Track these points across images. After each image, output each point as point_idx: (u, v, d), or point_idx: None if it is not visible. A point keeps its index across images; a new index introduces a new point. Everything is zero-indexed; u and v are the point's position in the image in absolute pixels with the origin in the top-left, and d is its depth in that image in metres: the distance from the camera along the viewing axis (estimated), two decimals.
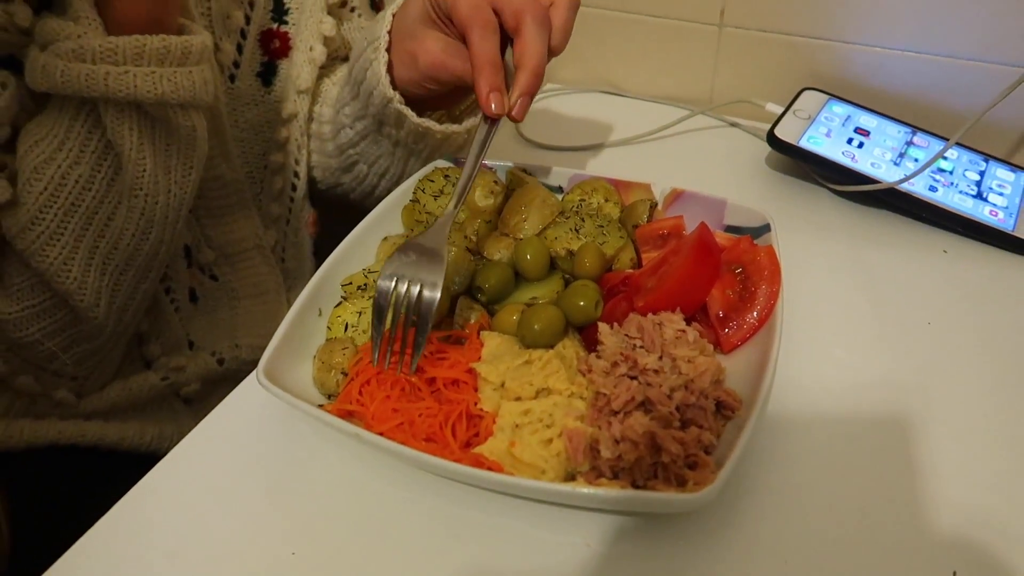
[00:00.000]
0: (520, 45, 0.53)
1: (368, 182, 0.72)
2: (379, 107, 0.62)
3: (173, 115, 0.56)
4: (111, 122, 0.54)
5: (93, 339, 0.62)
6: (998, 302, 0.60)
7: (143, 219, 0.58)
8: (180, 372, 0.71)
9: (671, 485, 0.41)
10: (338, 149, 0.71)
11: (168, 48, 0.53)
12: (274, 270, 0.76)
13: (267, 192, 0.76)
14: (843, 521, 0.44)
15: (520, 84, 0.53)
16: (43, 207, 0.55)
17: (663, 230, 0.58)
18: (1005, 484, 0.46)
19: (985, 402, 0.52)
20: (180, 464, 0.48)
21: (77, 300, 0.58)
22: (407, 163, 0.68)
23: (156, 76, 0.53)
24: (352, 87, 0.65)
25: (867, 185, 0.67)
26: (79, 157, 0.55)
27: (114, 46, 0.52)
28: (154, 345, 0.70)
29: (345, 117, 0.68)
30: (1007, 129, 0.75)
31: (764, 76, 0.83)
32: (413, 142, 0.65)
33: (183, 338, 0.72)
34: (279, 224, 0.78)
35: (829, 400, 0.52)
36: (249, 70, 0.70)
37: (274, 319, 0.76)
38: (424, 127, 0.62)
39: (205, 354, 0.72)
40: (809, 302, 0.58)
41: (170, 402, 0.73)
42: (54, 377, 0.64)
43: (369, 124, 0.66)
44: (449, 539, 0.44)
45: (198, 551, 0.43)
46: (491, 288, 0.53)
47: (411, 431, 0.45)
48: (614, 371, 0.47)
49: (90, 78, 0.52)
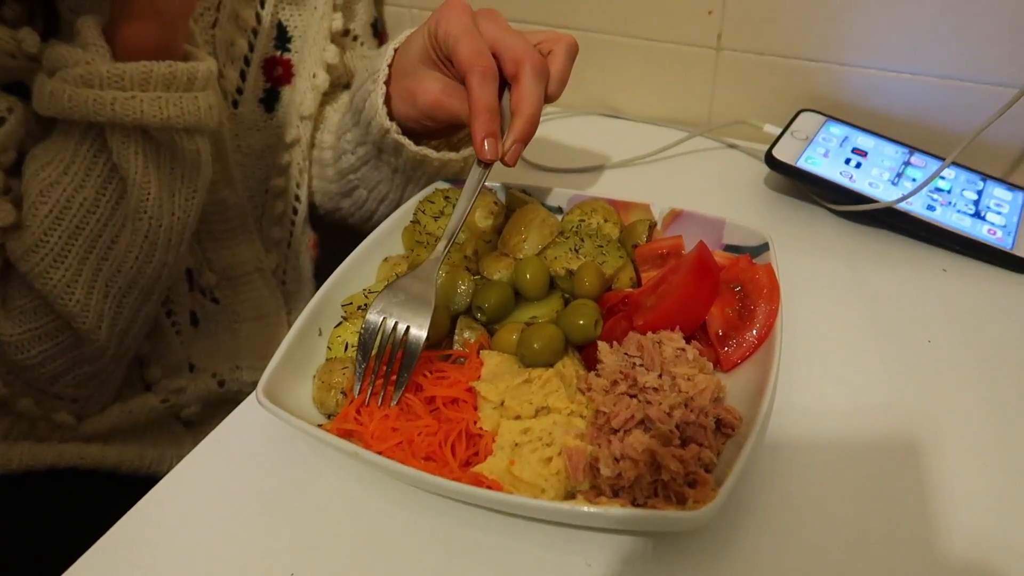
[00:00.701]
0: (517, 92, 0.54)
1: (367, 207, 0.73)
2: (377, 136, 0.63)
3: (178, 139, 0.56)
4: (117, 146, 0.55)
5: (94, 361, 0.62)
6: (997, 320, 0.60)
7: (147, 242, 0.58)
8: (180, 394, 0.71)
9: (671, 503, 0.41)
10: (339, 174, 0.72)
11: (174, 74, 0.54)
12: (275, 293, 0.77)
13: (268, 216, 0.76)
14: (843, 541, 0.44)
15: (515, 130, 0.53)
16: (48, 230, 0.56)
17: (662, 250, 0.58)
18: (1007, 505, 0.46)
19: (985, 421, 0.51)
20: (179, 484, 0.48)
21: (80, 323, 0.58)
22: (405, 189, 0.69)
23: (162, 101, 0.54)
24: (353, 115, 0.66)
25: (865, 205, 0.68)
26: (84, 181, 0.56)
27: (121, 72, 0.53)
28: (155, 368, 0.71)
29: (347, 143, 0.69)
30: (1003, 148, 0.75)
31: (762, 98, 0.83)
32: (411, 169, 0.66)
33: (184, 361, 0.72)
34: (280, 247, 0.78)
35: (829, 418, 0.51)
36: (252, 96, 0.71)
37: (275, 341, 0.76)
38: (421, 155, 0.63)
39: (206, 376, 0.72)
40: (808, 320, 0.58)
41: (170, 425, 0.73)
42: (54, 400, 0.64)
43: (369, 151, 0.67)
44: (448, 559, 0.43)
45: (198, 571, 0.43)
46: (491, 307, 0.53)
47: (410, 450, 0.45)
48: (614, 389, 0.47)
49: (97, 103, 0.52)
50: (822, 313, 0.60)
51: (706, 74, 0.85)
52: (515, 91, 0.54)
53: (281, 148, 0.74)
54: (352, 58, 0.79)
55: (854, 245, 0.68)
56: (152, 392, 0.70)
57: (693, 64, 0.84)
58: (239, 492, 0.48)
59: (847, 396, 0.53)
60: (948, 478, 0.47)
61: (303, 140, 0.74)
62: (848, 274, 0.65)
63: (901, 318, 0.60)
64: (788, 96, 0.81)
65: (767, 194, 0.76)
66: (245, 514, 0.46)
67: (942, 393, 0.53)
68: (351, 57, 0.79)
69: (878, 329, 0.59)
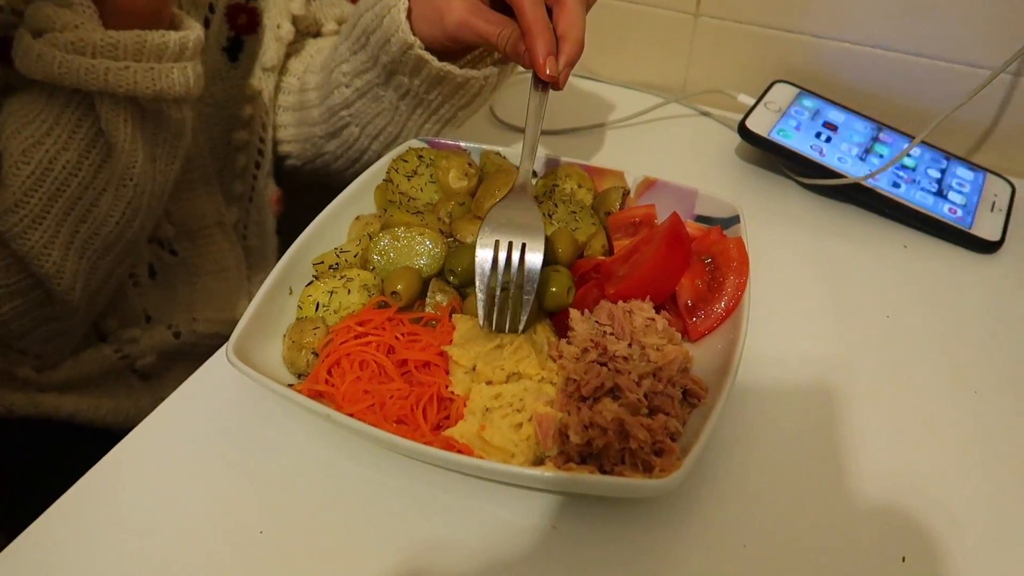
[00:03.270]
0: (565, 16, 0.53)
1: (357, 146, 0.71)
2: (395, 55, 0.60)
3: (167, 109, 0.56)
4: (106, 114, 0.54)
5: (64, 320, 0.61)
6: (954, 297, 0.62)
7: (129, 208, 0.57)
8: (134, 344, 0.70)
9: (638, 471, 0.42)
10: (328, 112, 0.70)
11: (167, 44, 0.53)
12: (235, 247, 0.75)
13: (230, 169, 0.74)
14: (800, 507, 0.46)
15: (565, 53, 0.53)
16: (29, 190, 0.54)
17: (635, 218, 0.58)
18: (956, 473, 0.48)
19: (939, 393, 0.53)
20: (146, 441, 0.48)
21: (54, 283, 0.57)
22: (409, 118, 0.66)
23: (155, 72, 0.53)
24: (357, 40, 0.63)
25: (833, 179, 0.69)
26: (68, 143, 0.54)
27: (115, 41, 0.52)
28: (111, 319, 0.69)
29: (342, 75, 0.66)
30: (969, 128, 0.77)
31: (737, 67, 0.83)
32: (426, 91, 0.63)
33: (140, 312, 0.71)
34: (242, 202, 0.77)
35: (792, 390, 0.53)
36: (215, 44, 0.69)
37: (234, 296, 0.76)
38: (445, 71, 0.61)
39: (161, 327, 0.71)
40: (775, 293, 0.60)
41: (126, 377, 0.72)
42: (19, 355, 0.63)
43: (373, 77, 0.64)
44: (418, 520, 0.44)
45: (166, 529, 0.43)
46: (464, 271, 0.53)
47: (382, 413, 0.45)
48: (584, 357, 0.47)
49: (90, 72, 0.51)
50: (787, 285, 0.62)
51: (683, 40, 0.84)
52: (561, 14, 0.54)
53: (244, 100, 0.72)
54: (319, 8, 0.76)
55: (821, 218, 0.70)
56: (106, 343, 0.69)
57: (671, 29, 0.84)
58: (207, 450, 0.47)
59: (810, 368, 0.55)
60: (903, 450, 0.49)
61: (266, 92, 0.72)
62: (814, 247, 0.66)
63: (863, 293, 0.62)
64: (763, 66, 0.82)
65: (738, 164, 0.77)
66: (213, 473, 0.46)
67: (899, 367, 0.55)
68: (318, 7, 0.76)
69: (840, 303, 0.61)
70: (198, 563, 0.42)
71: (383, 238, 0.54)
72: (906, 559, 0.43)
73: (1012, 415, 0.52)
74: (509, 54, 0.55)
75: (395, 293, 0.51)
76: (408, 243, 0.54)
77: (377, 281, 0.53)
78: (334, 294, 0.52)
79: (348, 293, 0.52)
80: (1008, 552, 0.44)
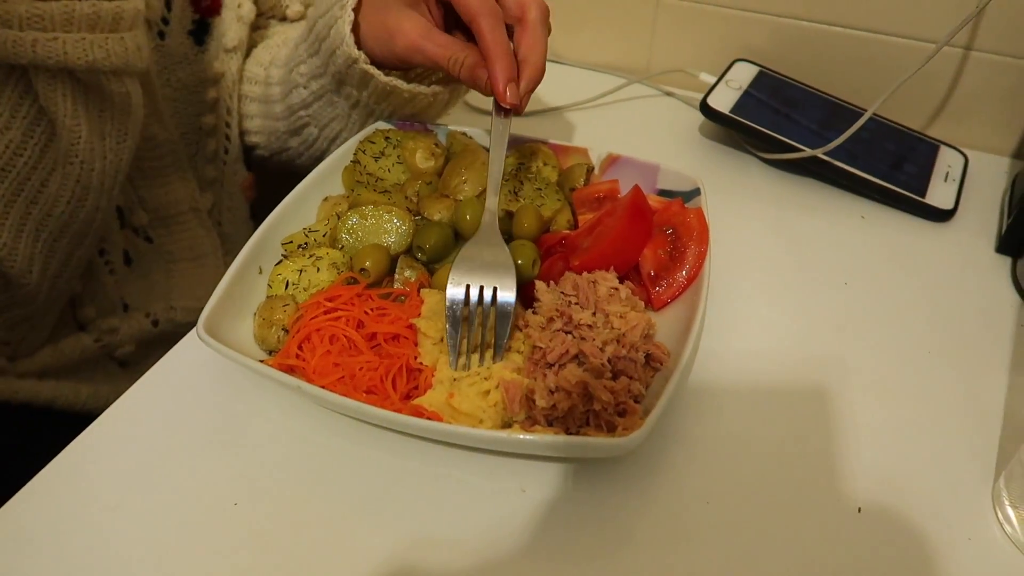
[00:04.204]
0: (526, 38, 0.53)
1: (317, 146, 0.71)
2: (341, 67, 0.60)
3: (106, 82, 0.54)
4: (43, 89, 0.53)
5: (25, 305, 0.61)
6: (909, 265, 0.64)
7: (79, 186, 0.57)
8: (113, 333, 0.70)
9: (602, 431, 0.44)
10: (288, 110, 0.70)
11: (99, 13, 0.52)
12: (211, 233, 0.76)
13: (202, 154, 0.74)
14: (760, 466, 0.47)
15: (526, 78, 0.53)
16: None
17: (599, 193, 0.60)
18: (910, 429, 0.50)
19: (894, 358, 0.55)
20: (120, 419, 0.49)
21: (7, 267, 0.56)
22: (363, 126, 0.66)
23: (86, 43, 0.52)
24: (311, 44, 0.63)
25: (792, 154, 0.70)
26: (10, 122, 0.54)
27: (42, 12, 0.50)
28: (89, 308, 0.69)
29: (300, 76, 0.66)
30: (923, 102, 0.79)
31: (699, 47, 0.85)
32: (375, 102, 0.63)
33: (117, 301, 0.71)
34: (215, 187, 0.77)
35: (751, 355, 0.55)
36: (180, 27, 0.68)
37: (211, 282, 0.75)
38: (391, 86, 0.60)
39: (139, 315, 0.71)
40: (736, 263, 0.61)
41: (104, 365, 0.72)
42: None
43: (327, 83, 0.64)
44: (389, 488, 0.45)
45: (140, 504, 0.44)
46: (431, 248, 0.54)
47: (352, 384, 0.46)
48: (550, 326, 0.49)
49: (17, 44, 0.50)
50: (749, 256, 0.63)
51: (646, 20, 0.85)
52: (523, 37, 0.53)
53: (208, 83, 0.71)
54: None
55: (781, 192, 0.71)
56: (85, 332, 0.69)
57: (634, 10, 0.85)
58: (180, 427, 0.48)
59: (769, 334, 0.56)
60: (857, 409, 0.51)
61: (229, 75, 0.71)
62: (775, 219, 0.68)
63: (822, 262, 0.63)
64: (724, 45, 0.83)
65: (701, 141, 0.78)
66: (186, 447, 0.47)
67: (856, 332, 0.57)
68: None
69: (800, 272, 0.62)
70: (171, 536, 0.42)
71: (351, 217, 0.55)
72: (861, 510, 0.45)
73: (963, 373, 0.54)
74: (464, 80, 0.54)
75: (364, 270, 0.52)
76: (376, 221, 0.55)
77: (346, 259, 0.54)
78: (303, 272, 0.53)
79: (317, 271, 0.53)
80: (961, 505, 0.46)
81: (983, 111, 0.77)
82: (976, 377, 0.54)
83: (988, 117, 0.77)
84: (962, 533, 0.44)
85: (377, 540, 0.42)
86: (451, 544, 0.42)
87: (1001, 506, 0.45)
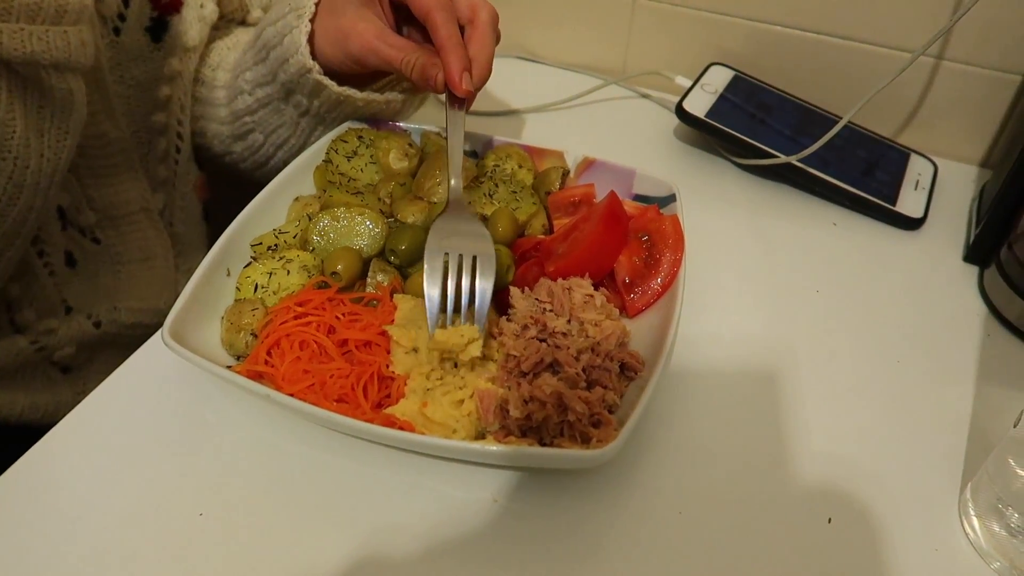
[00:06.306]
0: (476, 38, 0.55)
1: (263, 152, 0.69)
2: (293, 75, 0.60)
3: (46, 76, 0.52)
4: None
5: None
6: (879, 273, 0.64)
7: (11, 184, 0.54)
8: (51, 335, 0.67)
9: (576, 442, 0.43)
10: (233, 115, 0.68)
11: (40, 5, 0.50)
12: (161, 234, 0.73)
13: (153, 153, 0.72)
14: (732, 475, 0.47)
15: (476, 76, 0.54)
16: None
17: (574, 197, 0.59)
18: (878, 438, 0.51)
19: (864, 367, 0.56)
20: (78, 429, 0.47)
21: None
22: (312, 133, 0.66)
23: (25, 34, 0.50)
24: (259, 51, 0.62)
25: (766, 160, 0.71)
26: None
27: None
28: (27, 311, 0.66)
29: (245, 83, 0.65)
30: (895, 111, 0.80)
31: (675, 49, 0.85)
32: (326, 111, 0.63)
33: (58, 303, 0.68)
34: (167, 187, 0.75)
35: (725, 363, 0.55)
36: (137, 24, 0.66)
37: (162, 284, 0.73)
38: (344, 96, 0.60)
39: (81, 317, 0.68)
40: (710, 269, 0.61)
41: (44, 370, 0.69)
42: None
43: (273, 91, 0.63)
44: (360, 498, 0.44)
45: (103, 514, 0.43)
46: (404, 251, 0.53)
47: (322, 392, 0.45)
48: (524, 334, 0.48)
49: None
50: (722, 262, 0.63)
51: (623, 22, 0.85)
52: (473, 36, 0.55)
53: (162, 81, 0.69)
54: None
55: (755, 198, 0.72)
56: (22, 334, 0.66)
57: (610, 11, 0.85)
58: (144, 434, 0.47)
59: (742, 341, 0.57)
60: (828, 416, 0.51)
61: (185, 73, 0.69)
62: (749, 225, 0.68)
63: (794, 268, 0.64)
64: (700, 49, 0.83)
65: (676, 145, 0.78)
66: (151, 456, 0.46)
67: (828, 339, 0.57)
68: None
69: (773, 278, 0.63)
70: (134, 548, 0.41)
71: (323, 218, 0.54)
72: (832, 520, 0.45)
73: (931, 382, 0.55)
74: (416, 80, 0.55)
75: (335, 273, 0.51)
76: (348, 224, 0.54)
77: (317, 262, 0.53)
78: (273, 275, 0.52)
79: (287, 274, 0.52)
80: (929, 516, 0.46)
81: (953, 120, 0.78)
82: (944, 386, 0.54)
83: (958, 126, 0.78)
84: (930, 543, 0.45)
85: (345, 551, 0.42)
86: (421, 554, 0.42)
87: (967, 516, 0.45)
